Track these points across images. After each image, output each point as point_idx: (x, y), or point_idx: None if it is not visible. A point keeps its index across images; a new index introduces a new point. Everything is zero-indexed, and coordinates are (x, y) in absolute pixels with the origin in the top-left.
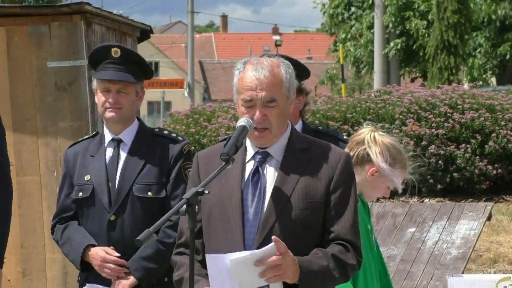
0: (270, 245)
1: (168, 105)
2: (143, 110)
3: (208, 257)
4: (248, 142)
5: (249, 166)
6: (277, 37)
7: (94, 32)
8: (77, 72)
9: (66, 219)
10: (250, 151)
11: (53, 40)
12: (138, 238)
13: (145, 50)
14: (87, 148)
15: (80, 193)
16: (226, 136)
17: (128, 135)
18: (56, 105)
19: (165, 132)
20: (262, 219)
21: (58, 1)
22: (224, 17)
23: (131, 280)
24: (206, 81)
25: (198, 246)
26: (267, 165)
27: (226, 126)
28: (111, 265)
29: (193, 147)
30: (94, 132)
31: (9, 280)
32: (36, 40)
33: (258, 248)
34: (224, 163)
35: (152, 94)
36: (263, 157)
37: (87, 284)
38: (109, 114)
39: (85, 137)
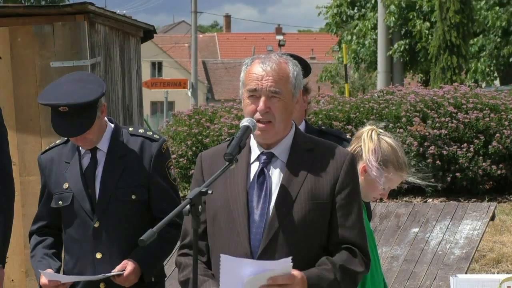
0: (286, 259)
1: (171, 105)
2: (147, 110)
3: (223, 258)
4: (252, 143)
5: (254, 167)
6: (280, 37)
7: (97, 32)
8: None
9: (43, 229)
10: (255, 152)
11: (56, 40)
12: (141, 238)
13: (148, 50)
14: (61, 154)
15: (60, 202)
16: (229, 138)
17: (103, 142)
18: None
19: (140, 130)
20: (268, 220)
21: (61, 1)
22: (228, 17)
23: (132, 265)
24: (209, 81)
25: (203, 247)
26: (272, 166)
27: (229, 126)
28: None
29: (194, 148)
30: (66, 138)
31: (12, 280)
32: (39, 40)
33: (264, 250)
34: (227, 163)
35: (155, 94)
36: (268, 158)
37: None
38: (84, 147)
39: (57, 143)
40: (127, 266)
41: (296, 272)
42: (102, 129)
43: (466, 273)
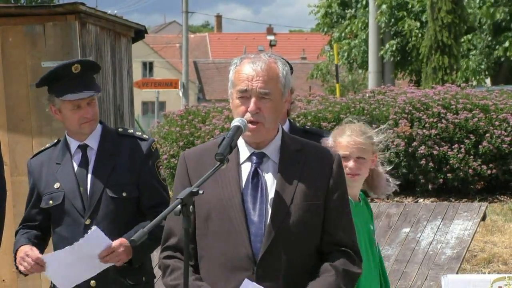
0: None
1: (162, 105)
2: (138, 110)
3: (246, 282)
4: (240, 143)
5: (245, 167)
6: (271, 37)
7: (88, 32)
8: None
9: (30, 227)
10: (244, 153)
11: (47, 40)
12: (132, 238)
13: (139, 50)
14: (51, 157)
15: (51, 201)
16: (216, 136)
17: (93, 140)
18: None
19: (130, 131)
20: (268, 221)
21: (52, 1)
22: (219, 17)
23: (121, 240)
24: (200, 81)
25: (190, 251)
26: (264, 166)
27: (220, 128)
28: (30, 260)
29: (186, 148)
30: (56, 140)
31: (3, 280)
32: (30, 40)
33: (266, 251)
34: (218, 163)
35: (146, 94)
36: (260, 158)
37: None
38: (88, 128)
39: (47, 146)
40: (116, 241)
41: None
42: (97, 118)
43: (457, 273)
